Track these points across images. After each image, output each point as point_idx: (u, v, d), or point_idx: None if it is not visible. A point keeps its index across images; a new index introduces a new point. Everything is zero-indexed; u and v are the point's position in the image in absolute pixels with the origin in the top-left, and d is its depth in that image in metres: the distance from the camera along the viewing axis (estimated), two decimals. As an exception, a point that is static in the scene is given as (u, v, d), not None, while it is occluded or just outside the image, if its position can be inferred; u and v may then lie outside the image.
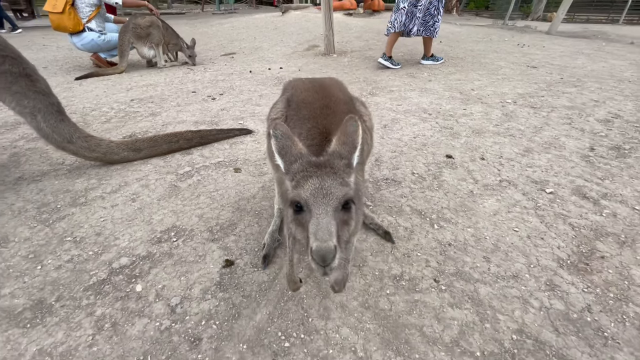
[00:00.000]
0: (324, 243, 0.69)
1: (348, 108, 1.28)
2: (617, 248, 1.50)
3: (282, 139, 0.85)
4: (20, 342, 1.10)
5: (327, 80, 1.49)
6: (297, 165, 0.82)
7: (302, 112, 1.22)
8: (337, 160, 0.82)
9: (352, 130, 0.86)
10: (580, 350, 1.08)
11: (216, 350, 1.08)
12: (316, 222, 0.72)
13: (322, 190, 0.76)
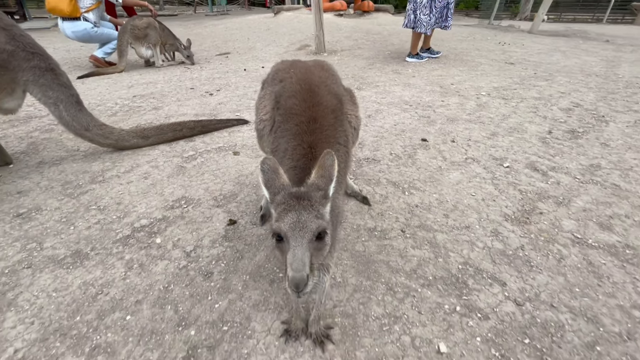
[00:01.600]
0: (298, 273, 0.80)
1: (335, 117, 1.34)
2: (555, 207, 1.84)
3: (268, 173, 0.96)
4: (67, 278, 1.40)
5: (315, 76, 1.48)
6: (280, 197, 0.92)
7: (289, 124, 1.30)
8: (314, 192, 0.92)
9: (329, 164, 0.96)
10: (509, 274, 1.40)
11: (225, 280, 1.38)
12: (292, 254, 0.82)
13: (299, 224, 0.85)
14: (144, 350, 1.11)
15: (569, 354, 1.10)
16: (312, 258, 0.85)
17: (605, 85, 4.05)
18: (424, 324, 1.20)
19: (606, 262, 1.46)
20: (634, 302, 1.28)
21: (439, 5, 4.80)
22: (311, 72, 1.52)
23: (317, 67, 1.60)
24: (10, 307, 1.26)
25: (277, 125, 1.36)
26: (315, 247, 0.87)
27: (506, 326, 1.19)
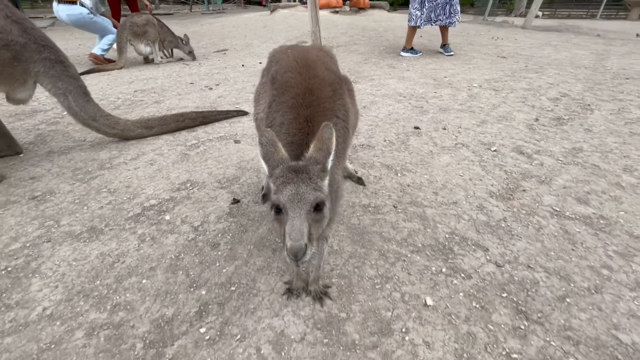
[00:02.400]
0: (296, 242, 0.81)
1: (332, 89, 1.32)
2: (537, 185, 1.98)
3: (266, 146, 0.97)
4: (84, 250, 1.52)
5: (312, 54, 1.50)
6: (278, 170, 0.93)
7: (285, 97, 1.28)
8: (312, 165, 0.93)
9: (327, 137, 0.97)
10: (491, 241, 1.54)
11: (231, 249, 1.51)
12: (291, 224, 0.84)
13: (297, 196, 0.87)
14: (160, 307, 1.24)
15: (542, 305, 1.24)
16: (310, 229, 0.87)
17: (593, 77, 4.21)
18: (412, 282, 1.34)
19: (581, 231, 1.60)
20: (604, 262, 1.42)
21: (437, 1, 4.93)
22: (308, 51, 1.54)
23: (314, 48, 1.63)
24: (35, 274, 1.39)
25: (272, 99, 1.33)
26: (313, 219, 0.89)
27: (487, 284, 1.33)
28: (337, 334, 1.14)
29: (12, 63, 1.97)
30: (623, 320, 1.18)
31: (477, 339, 1.12)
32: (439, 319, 1.19)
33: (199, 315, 1.21)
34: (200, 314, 1.21)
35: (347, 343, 1.11)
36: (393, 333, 1.14)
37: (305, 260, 0.85)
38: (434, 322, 1.18)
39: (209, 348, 1.10)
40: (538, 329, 1.15)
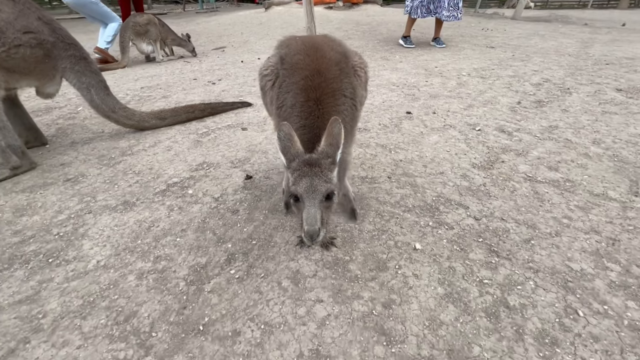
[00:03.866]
0: (311, 227, 1.01)
1: (339, 69, 1.41)
2: (515, 157, 2.26)
3: (284, 140, 1.11)
4: (122, 218, 1.78)
5: (319, 38, 1.61)
6: (295, 163, 1.09)
7: (295, 77, 1.36)
8: (324, 159, 1.10)
9: (336, 132, 1.11)
10: (472, 202, 1.82)
11: (249, 214, 1.78)
12: (307, 212, 1.04)
13: (312, 188, 1.05)
14: (195, 257, 1.51)
15: (510, 246, 1.52)
16: (322, 214, 1.06)
17: (575, 63, 4.50)
18: (404, 233, 1.61)
19: (549, 191, 1.88)
20: (565, 214, 1.70)
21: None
22: (316, 37, 1.69)
23: (321, 36, 1.73)
24: (84, 237, 1.65)
25: (282, 79, 1.42)
26: (325, 206, 1.09)
27: (466, 232, 1.60)
28: (343, 271, 1.41)
29: (44, 60, 2.21)
30: (576, 255, 1.46)
31: (456, 271, 1.40)
32: (426, 258, 1.46)
33: (227, 262, 1.48)
34: (229, 261, 1.48)
35: (351, 277, 1.39)
36: (388, 269, 1.42)
37: (319, 241, 1.05)
38: (421, 261, 1.45)
39: (239, 284, 1.37)
40: (506, 263, 1.43)
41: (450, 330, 1.17)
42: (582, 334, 1.14)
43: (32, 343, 1.17)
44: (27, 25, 2.11)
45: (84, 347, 1.15)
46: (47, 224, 1.75)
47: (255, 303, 1.28)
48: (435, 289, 1.32)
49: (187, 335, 1.18)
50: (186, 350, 1.13)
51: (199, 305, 1.28)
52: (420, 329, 1.17)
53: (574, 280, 1.34)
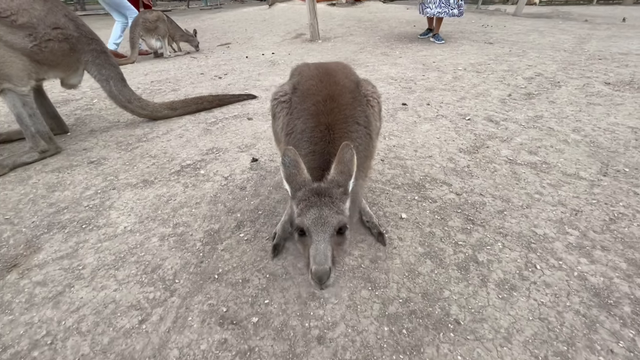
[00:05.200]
0: (321, 266, 0.84)
1: (353, 97, 1.36)
2: (499, 142, 2.47)
3: (289, 167, 0.98)
4: (143, 193, 2.02)
5: (332, 65, 1.56)
6: (301, 193, 0.96)
7: (306, 104, 1.31)
8: (334, 189, 0.96)
9: (348, 159, 0.99)
10: (455, 180, 2.04)
11: (255, 190, 2.01)
12: (315, 248, 0.87)
13: (321, 220, 0.90)
14: (209, 224, 1.75)
15: (485, 216, 1.74)
16: (333, 252, 0.91)
17: (569, 58, 4.68)
18: (392, 206, 1.84)
19: (526, 172, 2.10)
20: (537, 190, 1.92)
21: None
22: (328, 64, 1.61)
23: (334, 63, 1.68)
24: (111, 208, 1.90)
25: (294, 106, 1.37)
26: (336, 242, 0.94)
27: (447, 205, 1.83)
28: (337, 235, 1.64)
29: (70, 53, 2.46)
30: (541, 223, 1.68)
31: (435, 235, 1.62)
32: (410, 225, 1.69)
33: (237, 227, 1.72)
34: (239, 227, 1.72)
35: (344, 239, 1.61)
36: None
37: (329, 284, 0.89)
38: (406, 227, 1.68)
39: (248, 244, 1.60)
40: (480, 229, 1.65)
41: (426, 279, 1.40)
42: (537, 282, 1.36)
43: (76, 287, 1.41)
44: (55, 21, 2.36)
45: (119, 290, 1.39)
46: (78, 198, 2.00)
47: (262, 259, 1.52)
48: (416, 248, 1.55)
49: (205, 282, 1.42)
50: (204, 292, 1.37)
51: (214, 260, 1.52)
52: (400, 278, 1.40)
53: (537, 242, 1.56)
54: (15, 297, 1.38)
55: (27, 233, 1.73)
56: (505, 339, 1.16)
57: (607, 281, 1.36)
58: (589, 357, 1.10)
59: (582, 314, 1.24)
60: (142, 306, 1.32)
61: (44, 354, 1.17)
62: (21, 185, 2.14)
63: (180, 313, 1.29)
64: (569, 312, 1.24)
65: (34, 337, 1.22)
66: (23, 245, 1.65)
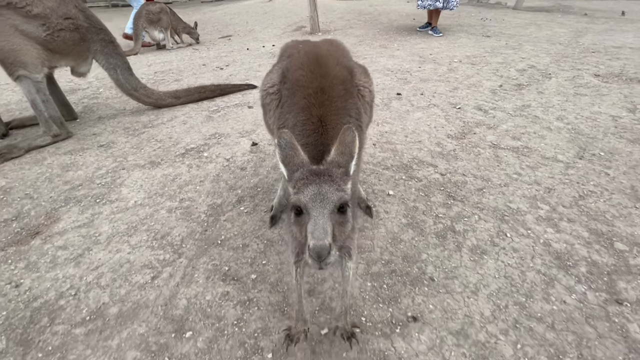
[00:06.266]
0: (319, 241, 0.78)
1: (344, 87, 1.31)
2: (486, 129, 2.63)
3: (285, 149, 0.93)
4: (151, 173, 2.20)
5: (324, 49, 1.49)
6: (299, 173, 0.90)
7: (296, 97, 1.27)
8: (335, 169, 0.90)
9: (349, 140, 0.93)
10: (441, 162, 2.20)
11: (254, 170, 2.19)
12: (313, 223, 0.81)
13: (320, 195, 0.84)
14: (212, 199, 1.92)
15: (465, 192, 1.91)
16: (334, 230, 0.84)
17: (563, 51, 4.81)
18: (381, 185, 2.00)
19: (508, 155, 2.26)
20: (516, 171, 2.08)
21: None
22: (319, 47, 1.53)
23: (326, 43, 1.61)
24: (122, 186, 2.07)
25: (284, 100, 1.34)
26: (337, 220, 0.86)
27: (431, 184, 2.00)
28: (329, 208, 1.81)
29: (80, 43, 2.62)
30: (516, 199, 1.84)
31: (418, 209, 1.79)
32: (396, 200, 1.86)
33: (238, 202, 1.89)
34: (239, 201, 1.89)
35: (335, 212, 1.79)
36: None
37: (330, 262, 0.81)
38: (392, 202, 1.85)
39: (248, 215, 1.78)
40: (459, 204, 1.82)
41: (407, 245, 1.57)
42: (506, 247, 1.54)
43: (94, 250, 1.59)
44: (66, 12, 2.52)
45: (132, 252, 1.57)
46: (90, 177, 2.17)
47: (260, 227, 1.69)
48: (400, 220, 1.72)
49: (209, 246, 1.59)
50: (209, 255, 1.54)
51: (217, 229, 1.70)
52: (384, 244, 1.57)
53: (510, 215, 1.73)
54: (41, 259, 1.56)
55: (46, 206, 1.91)
56: (473, 292, 1.34)
57: (569, 247, 1.53)
58: (544, 306, 1.28)
59: (543, 273, 1.41)
60: (153, 266, 1.50)
61: (69, 302, 1.35)
62: (37, 166, 2.32)
63: (187, 271, 1.47)
64: (531, 272, 1.42)
65: (60, 289, 1.41)
66: (43, 216, 1.83)
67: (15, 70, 2.37)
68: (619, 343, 1.15)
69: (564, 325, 1.21)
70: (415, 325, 1.23)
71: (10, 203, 1.94)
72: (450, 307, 1.28)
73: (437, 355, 1.13)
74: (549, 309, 1.27)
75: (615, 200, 1.81)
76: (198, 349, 1.18)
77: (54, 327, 1.26)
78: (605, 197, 1.84)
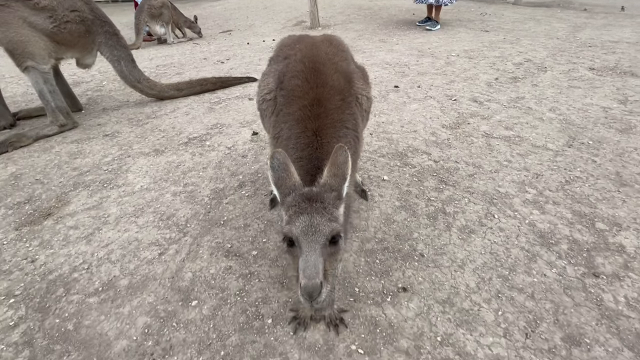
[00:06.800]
0: (310, 281, 0.77)
1: (342, 98, 1.28)
2: (480, 120, 2.72)
3: (278, 171, 0.93)
4: (155, 160, 2.29)
5: (322, 52, 1.44)
6: (291, 198, 0.89)
7: (292, 107, 1.25)
8: (327, 193, 0.90)
9: (341, 161, 0.92)
10: (434, 151, 2.29)
11: (255, 157, 2.28)
12: (305, 260, 0.80)
13: (312, 228, 0.83)
14: (215, 184, 2.02)
15: (457, 178, 2.00)
16: (325, 264, 0.84)
17: (560, 46, 4.88)
18: (376, 171, 2.10)
19: (499, 144, 2.35)
20: (507, 158, 2.18)
21: None
22: (317, 49, 1.46)
23: (324, 43, 1.54)
24: (128, 172, 2.17)
25: (279, 108, 1.32)
26: (329, 253, 0.86)
27: (425, 170, 2.09)
28: (326, 192, 1.91)
29: (85, 35, 2.71)
30: (505, 184, 1.94)
31: (411, 193, 1.89)
32: (390, 185, 1.96)
33: (239, 186, 1.99)
34: (240, 186, 1.99)
35: (332, 196, 1.88)
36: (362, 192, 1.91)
37: (321, 300, 0.81)
38: (386, 187, 1.94)
39: (249, 199, 1.88)
40: (451, 188, 1.92)
41: (400, 225, 1.67)
42: (493, 227, 1.63)
43: (104, 230, 1.69)
44: (72, 4, 2.60)
45: (140, 232, 1.67)
46: (97, 163, 2.27)
47: (261, 209, 1.79)
48: (394, 203, 1.82)
49: (212, 226, 1.69)
50: (212, 234, 1.64)
51: (220, 211, 1.80)
52: (378, 224, 1.67)
53: (498, 198, 1.82)
54: (54, 237, 1.66)
55: (57, 190, 2.01)
56: (460, 266, 1.44)
57: (552, 227, 1.62)
58: (525, 279, 1.38)
59: (526, 250, 1.51)
60: (160, 243, 1.60)
61: (82, 275, 1.45)
62: (45, 154, 2.42)
63: (192, 248, 1.57)
64: (515, 249, 1.51)
65: (73, 264, 1.51)
66: (54, 199, 1.93)
67: (23, 61, 2.45)
68: (593, 310, 1.25)
69: (543, 295, 1.31)
70: (404, 295, 1.33)
71: (22, 187, 2.04)
72: (438, 279, 1.38)
73: (424, 321, 1.23)
74: (529, 281, 1.36)
75: (599, 185, 1.90)
76: (203, 316, 1.28)
77: (69, 297, 1.36)
78: (591, 182, 1.93)
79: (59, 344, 1.20)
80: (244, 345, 1.18)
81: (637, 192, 1.83)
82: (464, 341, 1.17)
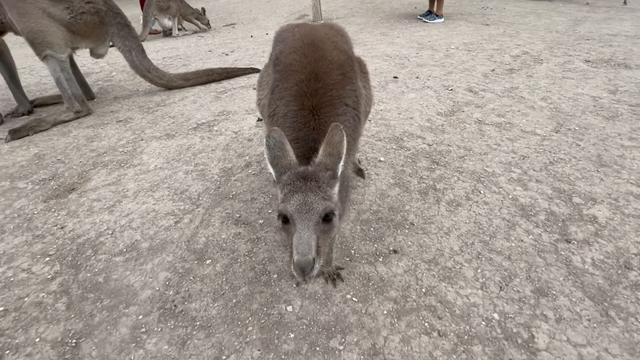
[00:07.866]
0: (303, 257, 0.81)
1: (341, 73, 1.25)
2: (474, 108, 2.88)
3: (274, 149, 0.95)
4: (167, 143, 2.48)
5: (321, 33, 1.42)
6: (286, 177, 0.92)
7: (288, 82, 1.22)
8: (322, 172, 0.91)
9: (337, 140, 0.93)
10: (429, 135, 2.46)
11: (260, 141, 2.45)
12: (298, 237, 0.83)
13: (305, 206, 0.85)
14: (223, 164, 2.20)
15: (448, 159, 2.17)
16: (319, 240, 0.87)
17: (558, 39, 5.00)
18: (374, 153, 2.27)
19: (491, 130, 2.52)
20: (496, 142, 2.34)
21: None
22: (316, 29, 1.47)
23: (325, 26, 1.55)
24: (142, 153, 2.36)
25: (275, 84, 1.28)
26: (322, 230, 0.89)
27: (419, 152, 2.26)
28: (326, 171, 2.09)
29: (99, 25, 2.88)
30: (493, 164, 2.10)
31: (405, 172, 2.06)
32: (386, 165, 2.13)
33: (246, 166, 2.17)
34: (247, 166, 2.17)
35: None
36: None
37: (313, 275, 0.85)
38: (382, 167, 2.12)
39: (255, 177, 2.06)
40: (442, 168, 2.09)
41: (393, 199, 1.84)
42: (479, 201, 1.80)
43: (124, 202, 1.88)
44: (88, -3, 2.77)
45: (157, 204, 1.86)
46: (113, 146, 2.45)
47: (266, 185, 1.97)
48: (388, 180, 1.99)
49: (222, 199, 1.87)
50: (222, 205, 1.82)
51: (228, 187, 1.98)
52: (373, 198, 1.85)
53: (485, 177, 1.99)
54: (79, 208, 1.85)
55: (78, 169, 2.19)
56: (446, 233, 1.61)
57: (533, 201, 1.79)
58: (504, 244, 1.55)
59: (507, 220, 1.68)
60: (175, 213, 1.79)
61: (107, 239, 1.64)
62: (64, 137, 2.60)
63: (204, 217, 1.75)
64: (497, 219, 1.69)
65: (98, 230, 1.69)
66: (76, 176, 2.12)
67: (42, 50, 2.63)
68: (561, 269, 1.43)
69: (518, 256, 1.49)
70: (395, 256, 1.50)
71: (46, 166, 2.23)
72: (425, 243, 1.56)
73: (411, 276, 1.41)
74: (507, 245, 1.54)
75: (580, 165, 2.06)
76: (217, 272, 1.46)
77: (97, 256, 1.55)
78: (573, 163, 2.09)
79: (92, 292, 1.38)
80: (253, 294, 1.36)
81: (615, 172, 1.99)
82: (445, 292, 1.34)
